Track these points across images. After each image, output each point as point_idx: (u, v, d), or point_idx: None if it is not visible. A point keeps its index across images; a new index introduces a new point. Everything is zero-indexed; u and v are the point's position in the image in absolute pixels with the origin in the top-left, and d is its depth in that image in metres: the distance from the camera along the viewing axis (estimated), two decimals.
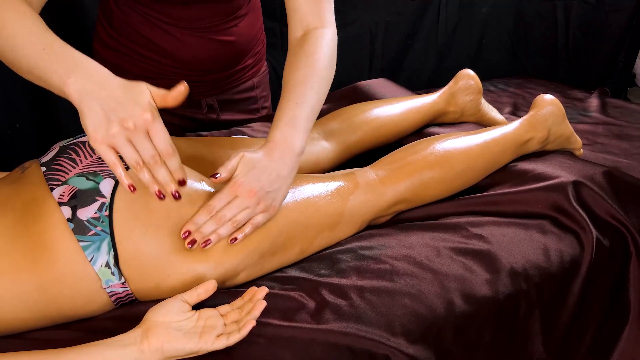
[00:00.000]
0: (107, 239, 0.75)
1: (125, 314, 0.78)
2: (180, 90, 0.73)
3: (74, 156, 0.82)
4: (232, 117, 1.30)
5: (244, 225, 0.80)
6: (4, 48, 0.75)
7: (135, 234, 0.76)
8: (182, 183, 0.74)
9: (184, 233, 0.78)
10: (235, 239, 0.80)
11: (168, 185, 0.73)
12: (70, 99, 0.71)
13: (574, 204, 0.96)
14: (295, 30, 0.96)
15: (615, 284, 0.99)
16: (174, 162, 0.73)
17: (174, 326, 0.70)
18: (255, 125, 1.38)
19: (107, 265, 0.75)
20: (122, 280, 0.76)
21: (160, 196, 0.73)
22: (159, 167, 0.72)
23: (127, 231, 0.76)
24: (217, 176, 0.80)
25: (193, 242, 0.78)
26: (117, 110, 0.69)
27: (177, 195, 0.74)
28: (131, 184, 0.72)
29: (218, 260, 0.79)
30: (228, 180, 0.81)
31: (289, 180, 0.83)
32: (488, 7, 1.98)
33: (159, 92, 0.73)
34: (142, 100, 0.71)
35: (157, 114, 0.71)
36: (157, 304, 0.73)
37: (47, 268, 0.73)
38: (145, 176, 0.72)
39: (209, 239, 0.78)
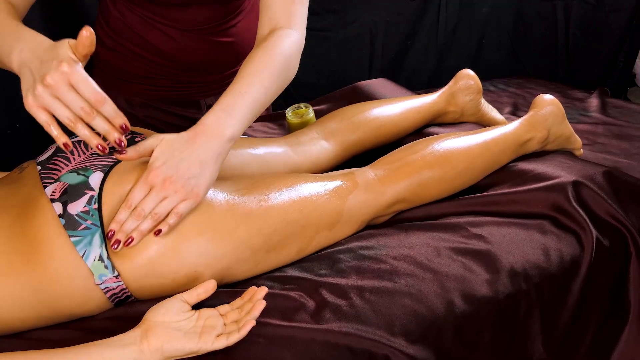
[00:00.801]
0: (99, 232, 0.75)
1: (124, 313, 0.78)
2: (85, 34, 0.70)
3: (68, 154, 0.82)
4: None
5: (167, 216, 0.76)
6: None
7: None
8: (124, 129, 0.72)
9: (109, 232, 0.75)
10: (160, 230, 0.75)
11: (110, 134, 0.72)
12: (16, 72, 0.73)
13: (574, 204, 0.96)
14: (263, 28, 0.95)
15: (615, 284, 0.98)
16: (108, 107, 0.71)
17: (173, 326, 0.70)
18: (255, 125, 1.38)
19: (100, 258, 0.74)
20: (116, 273, 0.75)
21: (102, 150, 0.72)
22: (93, 118, 0.70)
23: None
24: (122, 153, 0.76)
25: (117, 242, 0.74)
26: (39, 69, 0.69)
27: (121, 144, 0.72)
28: (65, 142, 0.71)
29: (200, 242, 0.78)
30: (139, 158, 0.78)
31: (213, 165, 0.79)
32: (488, 7, 1.98)
33: (74, 41, 0.71)
34: (59, 53, 0.70)
35: (75, 64, 0.69)
36: (157, 304, 0.73)
37: (42, 267, 0.73)
38: (81, 131, 0.71)
39: (131, 237, 0.75)
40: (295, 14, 0.94)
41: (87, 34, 0.70)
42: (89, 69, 1.04)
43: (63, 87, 0.68)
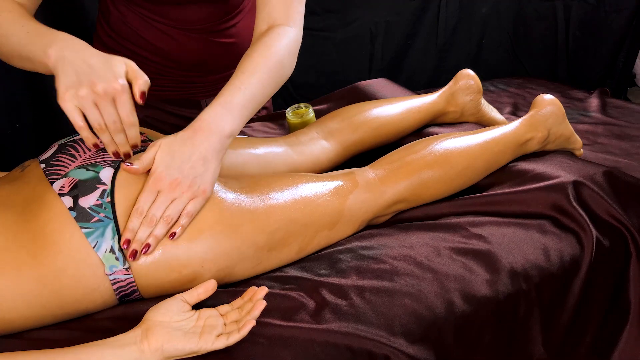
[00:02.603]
0: (111, 224, 0.76)
1: (125, 313, 0.78)
2: (148, 82, 0.77)
3: (73, 152, 0.83)
4: None
5: (179, 218, 0.78)
6: None
7: None
8: (134, 147, 0.79)
9: (124, 244, 0.76)
10: (174, 233, 0.77)
11: (124, 147, 0.78)
12: (50, 68, 0.75)
13: (574, 204, 0.96)
14: (260, 25, 0.96)
15: (615, 284, 0.99)
16: (133, 131, 0.77)
17: (173, 326, 0.70)
18: (255, 125, 1.38)
19: (112, 250, 0.75)
20: (127, 265, 0.76)
21: (116, 156, 0.78)
22: (118, 133, 0.76)
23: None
24: (126, 165, 0.78)
25: (134, 253, 0.76)
26: (89, 74, 0.73)
27: (129, 155, 0.78)
28: (96, 142, 0.76)
29: (207, 238, 0.80)
30: (147, 172, 0.80)
31: (216, 162, 0.80)
32: (488, 7, 1.98)
33: (135, 69, 0.76)
34: (116, 70, 0.74)
35: (127, 87, 0.74)
36: (157, 304, 0.73)
37: (48, 261, 0.74)
38: (106, 137, 0.76)
39: (147, 244, 0.76)
40: (293, 10, 0.95)
41: (145, 85, 0.76)
42: None
43: (108, 99, 0.73)
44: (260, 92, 0.86)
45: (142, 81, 0.75)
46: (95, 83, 0.72)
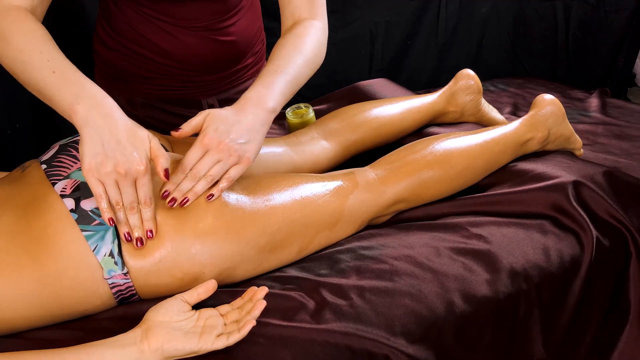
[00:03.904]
0: (112, 228, 0.76)
1: (125, 313, 0.78)
2: (169, 159, 0.78)
3: (75, 153, 0.83)
4: None
5: (218, 181, 0.81)
6: (14, 62, 0.79)
7: None
8: (149, 235, 0.77)
9: (164, 192, 0.79)
10: (212, 195, 0.80)
11: (136, 230, 0.76)
12: (74, 123, 0.74)
13: (574, 204, 0.96)
14: (286, 21, 1.00)
15: (615, 284, 0.99)
16: (149, 213, 0.76)
17: (173, 326, 0.70)
18: None
19: (111, 254, 0.75)
20: (125, 270, 0.76)
21: (127, 238, 0.76)
22: (134, 213, 0.76)
23: None
24: (178, 130, 0.81)
25: (173, 200, 0.79)
26: (115, 152, 0.73)
27: (138, 244, 0.76)
28: (111, 217, 0.75)
29: (210, 242, 0.80)
30: (194, 135, 0.82)
31: (261, 133, 0.84)
32: (488, 7, 1.98)
33: (156, 147, 0.76)
34: (141, 150, 0.74)
35: (149, 167, 0.75)
36: (157, 304, 0.73)
37: (49, 262, 0.74)
38: (120, 215, 0.75)
39: (186, 198, 0.79)
40: (317, 4, 0.99)
41: (165, 162, 0.76)
42: (90, 69, 1.04)
43: (129, 180, 0.74)
44: (296, 76, 0.90)
45: (163, 160, 0.76)
46: (119, 163, 0.72)
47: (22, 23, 0.81)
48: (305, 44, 0.94)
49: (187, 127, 0.82)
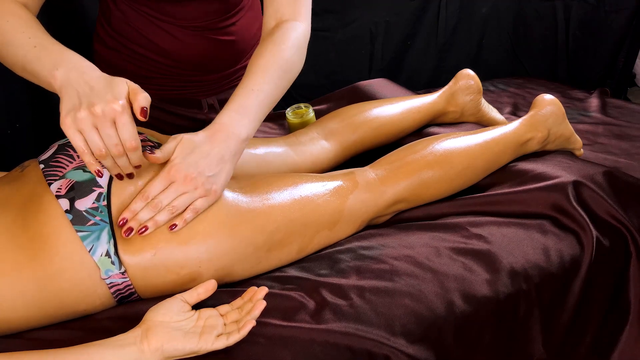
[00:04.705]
0: (107, 228, 0.76)
1: (125, 313, 0.78)
2: (148, 98, 0.74)
3: (71, 152, 0.83)
4: None
5: (184, 211, 0.79)
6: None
7: None
8: (137, 168, 0.76)
9: (121, 220, 0.77)
10: (175, 225, 0.78)
11: (126, 169, 0.75)
12: (55, 90, 0.74)
13: (574, 204, 0.96)
14: (269, 21, 0.97)
15: (615, 284, 0.98)
16: (137, 155, 0.74)
17: (173, 326, 0.70)
18: None
19: (107, 254, 0.75)
20: (122, 270, 0.76)
21: (119, 177, 0.76)
22: (120, 157, 0.73)
23: None
24: (148, 152, 0.79)
25: (129, 230, 0.76)
26: (89, 96, 0.71)
27: (132, 175, 0.76)
28: (98, 169, 0.73)
29: (206, 239, 0.80)
30: (165, 163, 0.80)
31: (230, 164, 0.82)
32: (488, 7, 1.98)
33: (134, 87, 0.74)
34: (116, 91, 0.72)
35: (127, 107, 0.72)
36: (157, 304, 0.73)
37: (46, 263, 0.73)
38: (108, 162, 0.74)
39: (145, 226, 0.77)
40: (300, 5, 0.96)
41: (143, 99, 0.73)
42: None
43: (107, 121, 0.71)
44: (273, 91, 0.87)
45: (141, 97, 0.73)
46: (93, 104, 0.70)
47: (6, 10, 0.81)
48: (283, 53, 0.90)
49: (160, 154, 0.79)
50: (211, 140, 0.81)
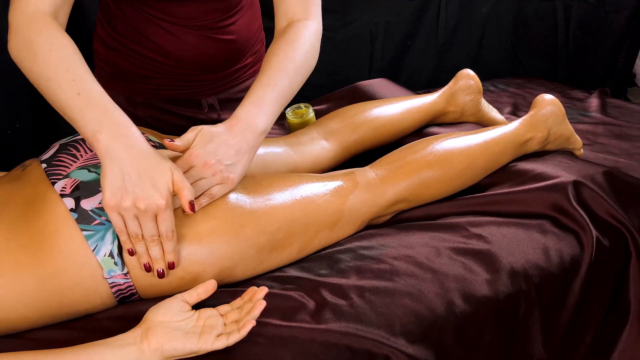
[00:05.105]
0: (112, 228, 0.76)
1: (125, 313, 0.78)
2: (193, 192, 0.76)
3: (74, 152, 0.83)
4: None
5: (199, 196, 0.80)
6: (39, 78, 0.77)
7: None
8: (170, 266, 0.76)
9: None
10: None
11: (157, 263, 0.76)
12: (96, 151, 0.74)
13: (574, 204, 0.96)
14: (280, 21, 0.99)
15: (615, 284, 0.99)
16: (170, 245, 0.75)
17: (173, 326, 0.70)
18: None
19: (111, 254, 0.75)
20: (125, 270, 0.76)
21: (148, 269, 0.76)
22: (154, 246, 0.75)
23: None
24: (168, 140, 0.80)
25: None
26: (136, 187, 0.72)
27: (162, 274, 0.76)
28: (131, 248, 0.75)
29: (210, 241, 0.80)
30: (184, 150, 0.82)
31: (248, 156, 0.84)
32: (488, 7, 1.98)
33: (179, 180, 0.74)
34: (161, 184, 0.73)
35: (171, 201, 0.73)
36: (157, 304, 0.73)
37: (48, 261, 0.74)
38: (140, 248, 0.75)
39: None
40: (311, 3, 0.98)
41: (189, 194, 0.75)
42: (90, 68, 1.04)
43: (149, 216, 0.72)
44: (288, 87, 0.89)
45: (187, 192, 0.74)
46: (138, 199, 0.71)
47: (48, 35, 0.79)
48: (296, 50, 0.92)
49: (180, 143, 0.81)
50: (230, 132, 0.83)
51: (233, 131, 0.83)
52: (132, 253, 0.75)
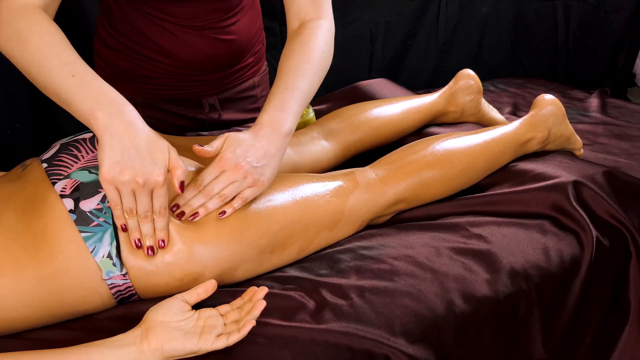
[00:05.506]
0: (110, 230, 0.76)
1: (125, 313, 0.78)
2: (186, 172, 0.77)
3: (75, 152, 0.83)
4: (233, 116, 1.30)
5: (232, 199, 0.81)
6: (30, 65, 0.78)
7: None
8: (161, 244, 0.77)
9: (173, 206, 0.80)
10: (224, 212, 0.81)
11: (148, 239, 0.76)
12: (94, 129, 0.74)
13: (574, 204, 0.96)
14: (292, 22, 0.99)
15: (615, 284, 0.99)
16: (162, 222, 0.76)
17: (173, 326, 0.70)
18: None
19: (109, 256, 0.75)
20: (124, 271, 0.76)
21: (137, 244, 0.76)
22: (147, 222, 0.75)
23: None
24: (198, 146, 0.81)
25: (182, 214, 0.80)
26: (135, 162, 0.72)
27: (150, 252, 0.76)
28: (124, 224, 0.75)
29: (213, 244, 0.80)
30: (214, 156, 0.83)
31: (276, 159, 0.85)
32: (488, 7, 1.98)
33: (175, 159, 0.76)
34: (160, 160, 0.74)
35: (167, 178, 0.75)
36: (157, 304, 0.73)
37: (48, 262, 0.73)
38: (132, 223, 0.75)
39: (197, 212, 0.80)
40: (322, 2, 0.99)
41: (182, 174, 0.76)
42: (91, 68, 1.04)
43: (145, 191, 0.73)
44: (308, 88, 0.90)
45: (180, 172, 0.75)
46: (138, 173, 0.72)
47: (39, 24, 0.79)
48: (312, 51, 0.93)
49: (210, 149, 0.82)
50: (256, 136, 0.83)
51: (259, 135, 0.83)
52: (124, 229, 0.75)
